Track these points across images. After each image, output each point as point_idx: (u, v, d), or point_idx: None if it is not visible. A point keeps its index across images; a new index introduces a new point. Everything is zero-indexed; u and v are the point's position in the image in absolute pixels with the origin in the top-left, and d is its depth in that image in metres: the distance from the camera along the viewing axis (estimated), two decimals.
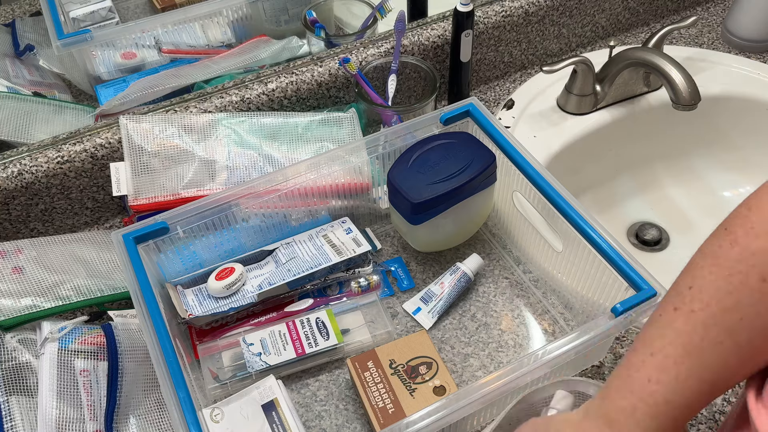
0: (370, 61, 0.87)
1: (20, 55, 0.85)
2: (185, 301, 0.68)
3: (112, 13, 0.84)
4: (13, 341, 0.60)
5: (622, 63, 0.88)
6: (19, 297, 0.63)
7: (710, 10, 1.12)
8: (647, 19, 1.09)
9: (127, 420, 0.60)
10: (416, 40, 0.89)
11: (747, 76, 0.98)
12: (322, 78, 0.85)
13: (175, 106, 0.81)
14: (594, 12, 1.02)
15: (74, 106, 0.85)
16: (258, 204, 0.69)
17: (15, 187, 0.74)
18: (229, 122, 0.77)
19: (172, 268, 0.68)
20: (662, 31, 0.90)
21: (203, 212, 0.66)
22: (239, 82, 0.84)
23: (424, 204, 0.68)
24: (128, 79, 0.85)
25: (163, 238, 0.65)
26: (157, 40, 0.87)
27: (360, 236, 0.74)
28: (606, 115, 0.93)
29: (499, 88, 1.00)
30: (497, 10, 0.93)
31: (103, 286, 0.68)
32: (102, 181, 0.79)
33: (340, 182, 0.73)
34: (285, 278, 0.69)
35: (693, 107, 0.81)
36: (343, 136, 0.80)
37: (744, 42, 1.02)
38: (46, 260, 0.68)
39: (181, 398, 0.53)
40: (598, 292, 0.65)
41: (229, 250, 0.71)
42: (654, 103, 0.95)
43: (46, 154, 0.75)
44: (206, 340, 0.67)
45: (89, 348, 0.61)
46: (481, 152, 0.71)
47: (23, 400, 0.57)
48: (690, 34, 1.07)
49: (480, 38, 0.94)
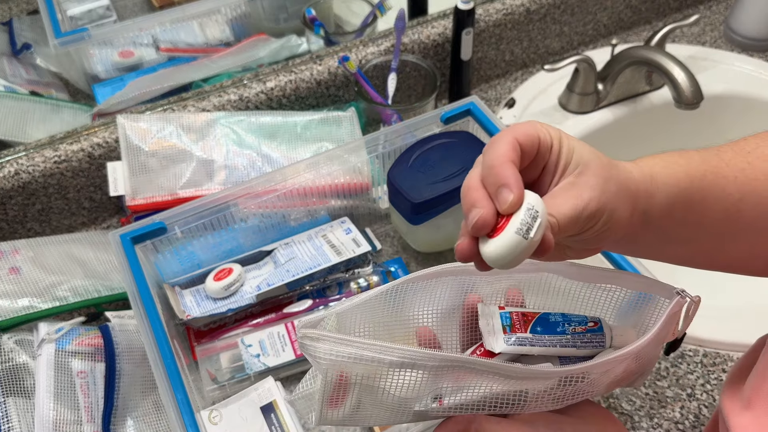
0: (369, 59, 0.87)
1: (17, 54, 0.85)
2: (183, 302, 0.67)
3: (110, 12, 0.83)
4: (10, 342, 0.60)
5: (625, 61, 0.87)
6: (16, 298, 0.63)
7: (713, 9, 1.11)
8: (649, 18, 1.09)
9: (125, 422, 0.60)
10: (416, 38, 0.89)
11: (750, 74, 0.97)
12: (322, 77, 0.85)
13: (173, 105, 0.80)
14: (596, 10, 1.02)
15: (71, 105, 0.85)
16: (257, 204, 0.69)
17: (12, 186, 0.74)
18: (227, 121, 0.77)
19: (169, 268, 0.68)
20: (664, 30, 0.90)
21: (201, 212, 0.66)
22: (238, 80, 0.83)
23: (425, 204, 0.67)
24: (126, 78, 0.85)
25: (160, 238, 0.65)
26: (155, 38, 0.86)
27: (359, 236, 0.73)
28: (608, 114, 0.93)
29: (500, 87, 0.99)
30: (498, 7, 0.93)
31: (100, 286, 0.67)
32: (99, 180, 0.79)
33: (340, 182, 0.73)
34: (284, 279, 0.68)
35: (695, 106, 0.81)
36: (342, 135, 0.79)
37: (747, 40, 1.02)
38: (43, 261, 0.68)
39: (179, 400, 0.52)
40: None
41: (228, 251, 0.71)
42: (656, 102, 0.94)
43: (43, 154, 0.75)
44: (204, 342, 0.67)
45: (86, 349, 0.60)
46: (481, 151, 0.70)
47: (20, 402, 0.57)
48: (692, 33, 1.06)
49: (481, 36, 0.93)
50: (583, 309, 0.44)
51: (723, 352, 0.67)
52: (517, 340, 0.39)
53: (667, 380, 0.66)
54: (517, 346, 0.39)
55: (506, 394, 0.37)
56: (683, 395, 0.64)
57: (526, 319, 0.41)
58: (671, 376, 0.66)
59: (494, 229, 0.34)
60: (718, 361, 0.67)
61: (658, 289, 0.42)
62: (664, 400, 0.64)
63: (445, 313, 0.43)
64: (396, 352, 0.34)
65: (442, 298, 0.43)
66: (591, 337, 0.41)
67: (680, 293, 0.40)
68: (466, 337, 0.44)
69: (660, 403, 0.64)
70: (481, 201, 0.35)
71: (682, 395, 0.64)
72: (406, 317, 0.42)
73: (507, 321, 0.40)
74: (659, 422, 0.63)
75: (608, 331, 0.42)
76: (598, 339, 0.41)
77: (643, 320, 0.43)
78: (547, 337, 0.40)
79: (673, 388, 0.65)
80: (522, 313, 0.41)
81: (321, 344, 0.34)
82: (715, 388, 0.65)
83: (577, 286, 0.43)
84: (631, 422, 0.63)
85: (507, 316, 0.40)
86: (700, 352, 0.68)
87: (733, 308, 0.70)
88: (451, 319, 0.44)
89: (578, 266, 0.42)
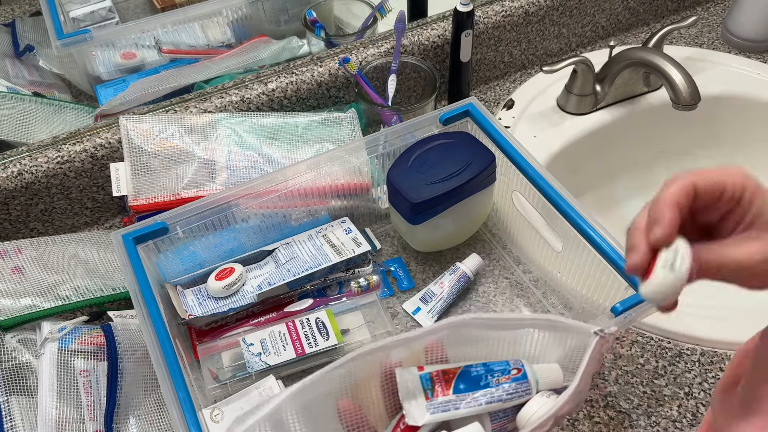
0: (370, 61, 0.87)
1: (20, 56, 0.85)
2: (185, 302, 0.67)
3: (112, 13, 0.84)
4: (13, 341, 0.60)
5: (622, 63, 0.88)
6: (19, 297, 0.63)
7: (710, 10, 1.12)
8: (647, 19, 1.09)
9: (127, 420, 0.60)
10: (416, 39, 0.89)
11: (747, 76, 0.97)
12: (322, 78, 0.85)
13: (175, 106, 0.81)
14: (594, 12, 1.02)
15: (74, 106, 0.85)
16: (258, 204, 0.69)
17: (15, 187, 0.74)
18: (229, 122, 0.77)
19: (171, 268, 0.68)
20: (662, 31, 0.90)
21: (203, 212, 0.66)
22: (239, 82, 0.84)
23: (424, 204, 0.68)
24: (128, 80, 0.85)
25: (162, 238, 0.65)
26: (157, 40, 0.87)
27: (359, 236, 0.74)
28: (606, 115, 0.93)
29: (499, 88, 1.00)
30: (497, 9, 0.93)
31: (102, 286, 0.68)
32: (102, 181, 0.79)
33: (340, 182, 0.73)
34: (285, 278, 0.68)
35: (693, 107, 0.81)
36: (342, 136, 0.80)
37: (744, 42, 1.02)
38: (46, 260, 0.68)
39: (181, 398, 0.52)
40: (598, 292, 0.65)
41: (229, 251, 0.71)
42: (654, 103, 0.95)
43: (45, 154, 0.75)
44: (206, 341, 0.67)
45: (89, 348, 0.61)
46: (480, 152, 0.70)
47: (23, 400, 0.57)
48: (690, 34, 1.07)
49: (480, 38, 0.94)
50: (505, 352, 0.42)
51: (720, 351, 0.68)
52: (440, 406, 0.37)
53: (664, 379, 0.66)
54: (440, 413, 0.37)
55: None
56: (681, 394, 0.65)
57: (448, 377, 0.38)
58: (669, 375, 0.66)
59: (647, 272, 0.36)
60: (715, 360, 0.67)
61: (576, 329, 0.41)
62: (661, 398, 0.65)
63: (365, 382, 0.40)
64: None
65: (359, 371, 0.40)
66: (516, 386, 0.39)
67: (598, 333, 0.40)
68: (390, 403, 0.41)
69: (658, 402, 0.65)
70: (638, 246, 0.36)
71: (680, 394, 0.65)
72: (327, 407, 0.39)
73: (428, 384, 0.38)
74: (657, 420, 0.63)
75: (532, 376, 0.40)
76: (524, 388, 0.40)
77: (568, 354, 0.42)
78: (471, 396, 0.38)
79: (671, 387, 0.66)
80: (443, 371, 0.39)
81: None
82: (712, 387, 0.65)
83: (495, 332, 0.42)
84: (629, 420, 0.63)
85: (427, 379, 0.38)
86: (698, 351, 0.68)
87: (730, 307, 0.70)
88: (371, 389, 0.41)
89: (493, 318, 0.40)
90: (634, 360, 0.68)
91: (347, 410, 0.39)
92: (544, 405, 0.38)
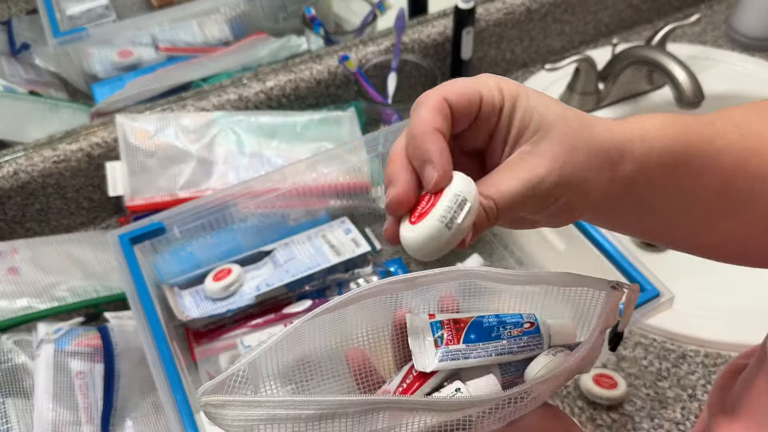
0: (369, 58, 0.86)
1: (16, 54, 0.84)
2: (182, 303, 0.67)
3: (109, 11, 0.83)
4: (8, 343, 0.60)
5: (625, 61, 0.87)
6: (15, 298, 0.63)
7: (714, 8, 1.11)
8: (650, 17, 1.09)
9: (124, 422, 0.60)
10: (416, 37, 0.88)
11: (751, 74, 0.97)
12: (321, 76, 0.84)
13: (172, 105, 0.80)
14: (597, 9, 1.02)
15: (70, 104, 0.85)
16: (256, 204, 0.68)
17: (10, 186, 0.74)
18: (226, 121, 0.77)
19: (168, 269, 0.68)
20: (666, 29, 0.90)
21: (200, 212, 0.65)
22: (237, 80, 0.83)
23: None
24: (125, 78, 0.85)
25: (159, 238, 0.64)
26: (154, 37, 0.86)
27: (359, 236, 0.73)
28: (609, 114, 0.92)
29: None
30: (499, 7, 0.92)
31: (99, 287, 0.67)
32: (98, 180, 0.79)
33: (339, 182, 0.73)
34: (283, 279, 0.68)
35: (696, 105, 0.81)
36: (342, 134, 0.79)
37: (748, 40, 1.01)
38: (42, 261, 0.68)
39: (178, 401, 0.52)
40: None
41: (227, 251, 0.71)
42: (657, 102, 0.94)
43: (41, 154, 0.75)
44: (203, 342, 0.67)
45: (85, 350, 0.60)
46: None
47: (19, 402, 0.57)
48: (693, 32, 1.06)
49: (481, 35, 0.93)
50: (518, 306, 0.41)
51: (724, 353, 0.67)
52: (450, 354, 0.36)
53: (668, 381, 0.65)
54: (450, 361, 0.36)
55: (448, 423, 0.34)
56: (684, 396, 0.64)
57: (459, 326, 0.37)
58: (672, 377, 0.66)
59: (418, 213, 0.29)
60: (719, 362, 0.67)
61: (591, 283, 0.38)
62: (665, 400, 0.64)
63: (375, 331, 0.39)
64: (312, 405, 0.30)
65: (368, 319, 0.38)
66: (528, 340, 0.39)
67: (615, 286, 0.38)
68: (400, 354, 0.39)
69: (661, 404, 0.64)
70: (398, 177, 0.30)
71: (683, 396, 0.64)
72: (332, 348, 0.38)
73: (438, 332, 0.37)
74: (660, 423, 0.62)
75: (545, 330, 0.39)
76: (536, 342, 0.39)
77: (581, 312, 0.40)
78: (481, 346, 0.37)
79: (674, 389, 0.65)
80: (454, 320, 0.38)
81: (228, 410, 0.30)
82: None
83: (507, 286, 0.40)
84: (632, 423, 0.63)
85: (438, 326, 0.37)
86: (701, 353, 0.67)
87: (734, 309, 0.70)
88: (382, 337, 0.39)
89: (502, 271, 0.38)
90: (638, 362, 0.67)
91: (355, 358, 0.38)
92: (553, 360, 0.37)
